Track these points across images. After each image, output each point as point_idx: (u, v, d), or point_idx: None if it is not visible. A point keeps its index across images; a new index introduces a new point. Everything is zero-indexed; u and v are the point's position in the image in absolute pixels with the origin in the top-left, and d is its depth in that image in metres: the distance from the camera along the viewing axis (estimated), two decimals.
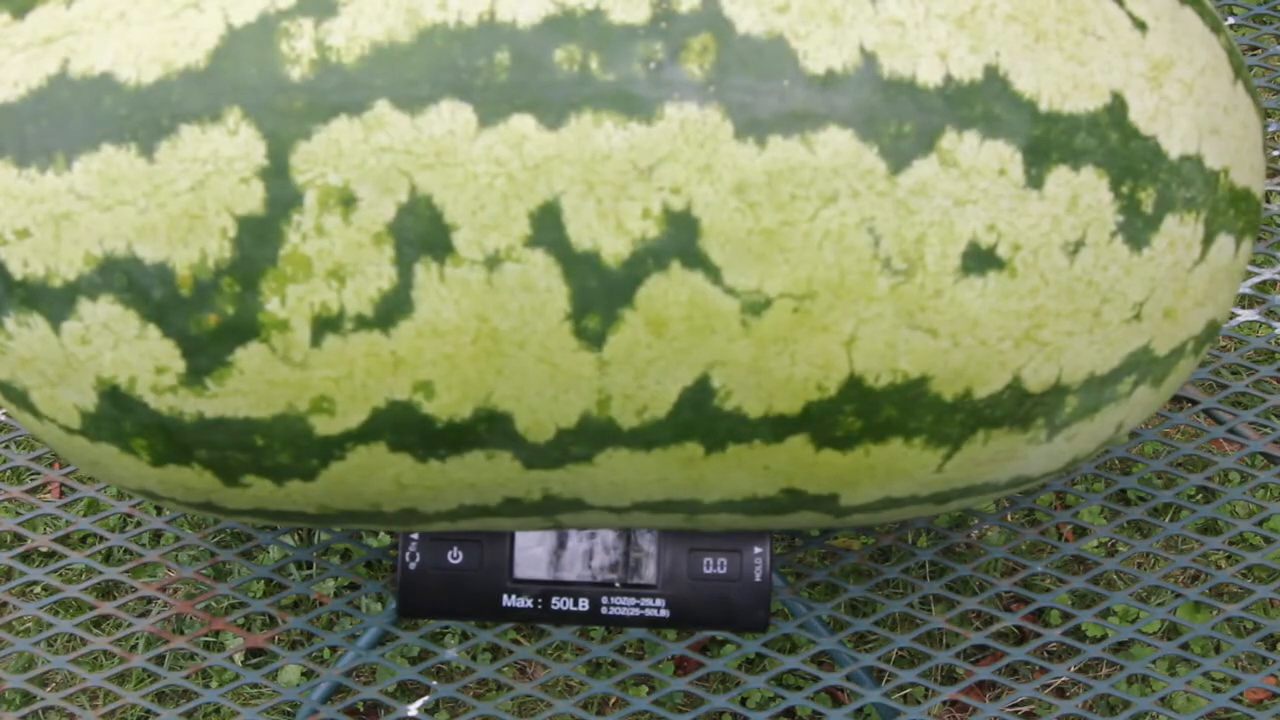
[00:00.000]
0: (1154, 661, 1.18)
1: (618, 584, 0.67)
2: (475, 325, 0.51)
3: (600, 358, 0.51)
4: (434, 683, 0.76)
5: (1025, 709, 1.16)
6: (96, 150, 0.50)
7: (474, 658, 1.18)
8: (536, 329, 0.51)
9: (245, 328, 0.51)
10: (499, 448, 0.54)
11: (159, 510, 1.07)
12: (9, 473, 0.95)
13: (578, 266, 0.50)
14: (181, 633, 1.24)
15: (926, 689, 1.19)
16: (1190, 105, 0.53)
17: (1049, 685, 1.15)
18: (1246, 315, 0.83)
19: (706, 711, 0.69)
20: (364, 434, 0.54)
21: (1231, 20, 0.97)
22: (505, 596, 0.68)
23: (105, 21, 0.51)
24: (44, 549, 1.03)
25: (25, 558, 1.11)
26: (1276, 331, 0.84)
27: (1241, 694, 1.06)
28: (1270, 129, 0.89)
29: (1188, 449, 0.79)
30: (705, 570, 0.67)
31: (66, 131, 0.50)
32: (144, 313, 0.51)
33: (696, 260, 0.50)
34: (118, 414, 0.54)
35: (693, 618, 0.67)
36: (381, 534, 0.86)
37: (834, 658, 0.74)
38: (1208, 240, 0.55)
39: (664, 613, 0.67)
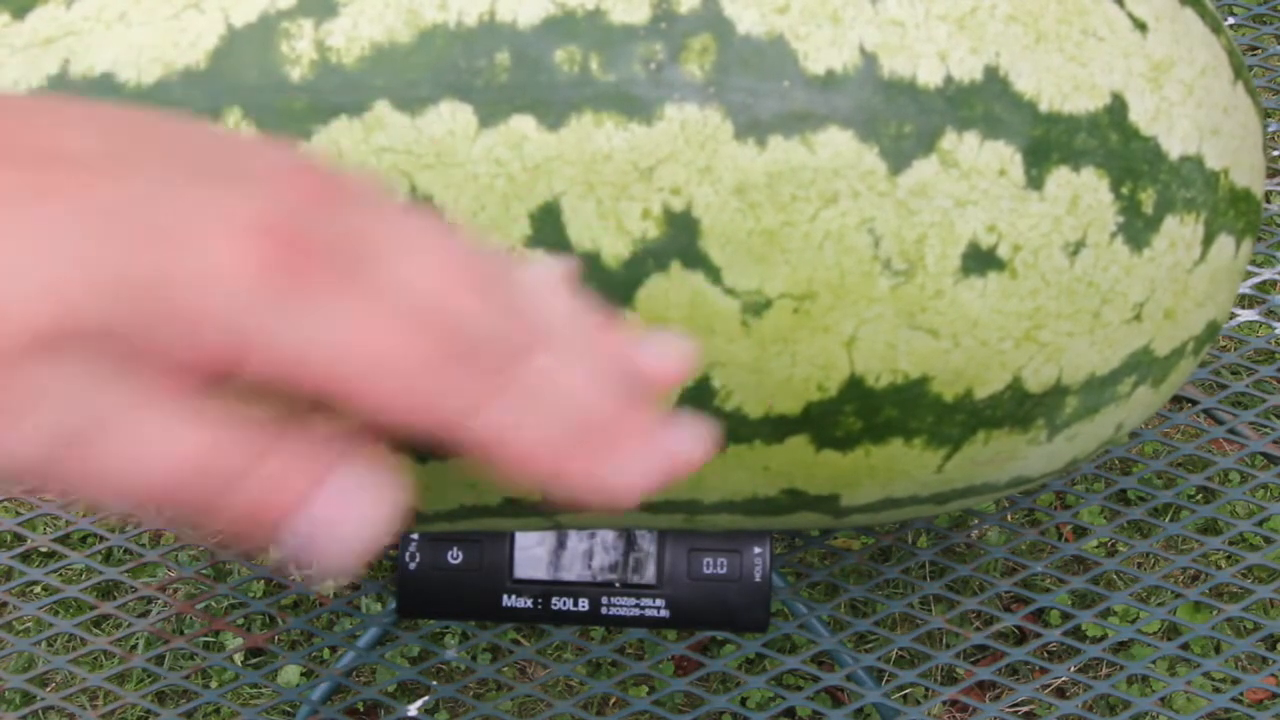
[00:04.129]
0: (1154, 661, 1.18)
1: (618, 584, 0.67)
2: None
3: None
4: (434, 683, 0.76)
5: (1025, 709, 1.16)
6: None
7: (474, 658, 1.18)
8: None
9: None
10: None
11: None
12: None
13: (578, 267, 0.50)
14: (181, 633, 1.24)
15: (926, 689, 1.19)
16: (1190, 106, 0.53)
17: (1049, 685, 1.15)
18: (1246, 315, 0.83)
19: (706, 711, 0.69)
20: None
21: (1231, 20, 0.97)
22: (505, 596, 0.67)
23: (105, 22, 0.51)
24: (44, 549, 1.02)
25: (25, 558, 1.10)
26: (1276, 331, 0.84)
27: (1241, 694, 1.06)
28: (1270, 129, 0.89)
29: (1188, 449, 0.79)
30: (705, 570, 0.67)
31: None
32: None
33: (697, 261, 0.50)
34: None
35: (693, 618, 0.67)
36: None
37: (834, 658, 0.74)
38: (1208, 241, 0.54)
39: (664, 613, 0.67)
